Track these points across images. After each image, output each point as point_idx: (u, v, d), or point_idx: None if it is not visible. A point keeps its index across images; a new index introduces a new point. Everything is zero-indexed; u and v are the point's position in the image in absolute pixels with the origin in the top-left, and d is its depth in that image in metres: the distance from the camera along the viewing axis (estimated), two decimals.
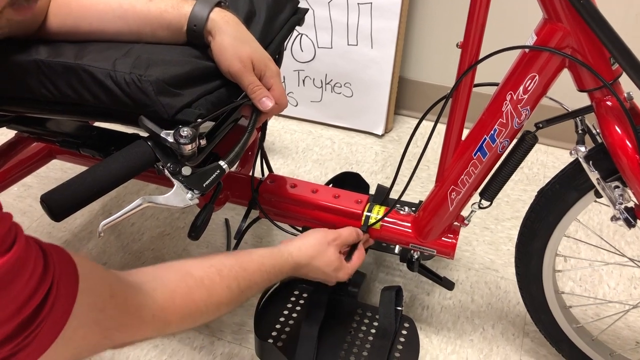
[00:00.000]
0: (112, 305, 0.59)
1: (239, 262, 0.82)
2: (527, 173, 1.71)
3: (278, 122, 1.93)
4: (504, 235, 1.49)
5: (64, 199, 0.70)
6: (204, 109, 0.77)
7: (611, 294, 1.33)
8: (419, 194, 1.61)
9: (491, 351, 1.20)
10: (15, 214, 1.52)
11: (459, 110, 0.92)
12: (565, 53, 0.79)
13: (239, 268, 0.81)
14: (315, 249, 0.96)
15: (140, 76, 0.74)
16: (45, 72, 0.78)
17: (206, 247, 1.45)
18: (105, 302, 0.58)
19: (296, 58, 1.84)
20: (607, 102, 0.81)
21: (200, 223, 0.90)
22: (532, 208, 0.98)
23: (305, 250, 0.95)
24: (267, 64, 0.81)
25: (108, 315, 0.59)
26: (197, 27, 0.78)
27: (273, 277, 0.88)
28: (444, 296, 1.32)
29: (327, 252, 0.97)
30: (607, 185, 0.85)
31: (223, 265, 0.79)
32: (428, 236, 1.05)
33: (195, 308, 0.72)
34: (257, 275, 0.84)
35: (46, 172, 1.67)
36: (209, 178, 0.80)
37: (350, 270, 1.02)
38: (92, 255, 1.42)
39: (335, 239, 0.99)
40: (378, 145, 1.84)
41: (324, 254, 0.96)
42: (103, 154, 1.01)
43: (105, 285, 0.60)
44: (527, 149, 0.91)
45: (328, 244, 0.98)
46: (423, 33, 1.79)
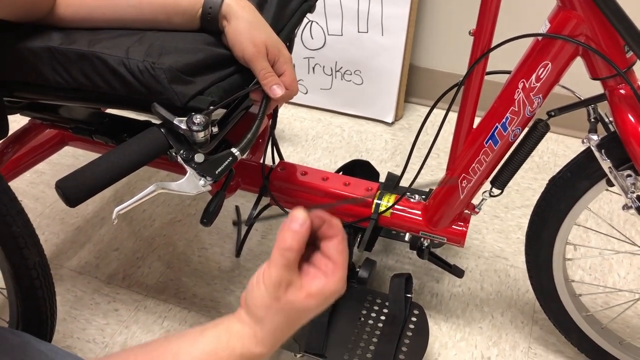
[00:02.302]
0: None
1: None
2: (538, 161, 1.71)
3: (288, 110, 1.93)
4: (513, 224, 1.49)
5: (79, 185, 0.71)
6: (217, 96, 0.78)
7: (621, 282, 1.33)
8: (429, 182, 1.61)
9: (500, 338, 1.21)
10: (28, 200, 1.54)
11: (471, 98, 0.92)
12: (578, 41, 0.78)
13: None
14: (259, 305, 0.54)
15: (153, 64, 0.74)
16: (58, 59, 0.78)
17: (217, 234, 1.46)
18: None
19: (306, 45, 1.84)
20: (621, 90, 0.80)
21: (213, 209, 0.90)
22: (543, 196, 0.98)
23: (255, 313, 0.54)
24: (281, 50, 0.81)
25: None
26: (212, 11, 0.78)
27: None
28: (454, 284, 1.33)
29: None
30: (619, 174, 0.84)
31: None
32: (438, 224, 1.05)
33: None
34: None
35: (58, 159, 1.68)
36: (221, 165, 0.80)
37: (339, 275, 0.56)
38: (104, 241, 1.44)
39: (274, 280, 0.54)
40: (388, 133, 1.84)
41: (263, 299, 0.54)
42: (115, 141, 1.02)
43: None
44: (539, 137, 0.91)
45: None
46: (434, 20, 1.78)
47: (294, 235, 0.53)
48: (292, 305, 0.53)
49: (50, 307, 0.99)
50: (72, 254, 1.41)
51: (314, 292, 0.54)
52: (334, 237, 0.55)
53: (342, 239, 0.56)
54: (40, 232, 1.20)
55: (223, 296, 1.30)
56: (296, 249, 0.53)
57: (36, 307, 0.97)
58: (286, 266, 0.53)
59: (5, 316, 1.05)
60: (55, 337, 1.11)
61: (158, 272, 1.36)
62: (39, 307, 0.97)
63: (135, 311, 1.27)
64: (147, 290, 1.32)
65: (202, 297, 1.29)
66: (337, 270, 0.54)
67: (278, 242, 0.53)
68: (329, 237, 0.55)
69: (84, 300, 1.30)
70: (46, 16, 0.80)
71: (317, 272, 0.55)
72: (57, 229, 1.48)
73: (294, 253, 0.53)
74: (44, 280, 0.95)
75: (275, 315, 0.54)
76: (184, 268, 1.37)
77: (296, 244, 0.53)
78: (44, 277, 0.95)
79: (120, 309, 1.28)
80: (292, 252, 0.53)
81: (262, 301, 0.53)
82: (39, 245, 0.93)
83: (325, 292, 0.54)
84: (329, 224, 0.55)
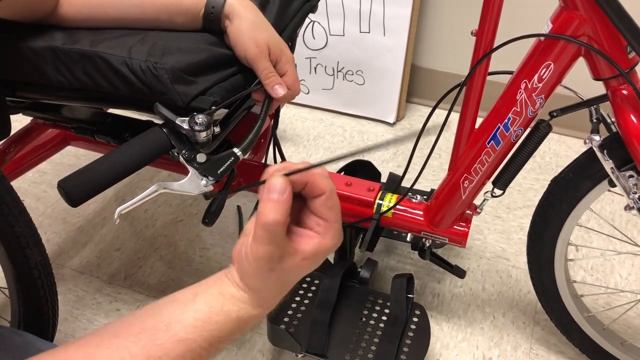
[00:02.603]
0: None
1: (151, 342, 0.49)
2: (540, 162, 1.70)
3: (289, 110, 1.94)
4: (515, 224, 1.49)
5: (81, 184, 0.71)
6: (219, 96, 0.78)
7: (623, 283, 1.33)
8: (430, 182, 1.61)
9: (501, 339, 1.21)
10: (30, 200, 1.53)
11: (473, 99, 0.92)
12: (581, 41, 0.78)
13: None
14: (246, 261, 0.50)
15: (155, 64, 0.74)
16: (61, 58, 0.79)
17: (218, 234, 1.46)
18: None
19: (308, 45, 1.84)
20: (623, 90, 0.80)
21: (215, 209, 0.90)
22: (545, 197, 0.98)
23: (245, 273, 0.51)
24: (283, 50, 0.81)
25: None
26: (214, 11, 0.78)
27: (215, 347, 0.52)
28: (455, 284, 1.32)
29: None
30: (621, 174, 0.84)
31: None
32: (440, 224, 1.05)
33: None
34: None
35: (60, 159, 1.68)
36: (223, 165, 0.80)
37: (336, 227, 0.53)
38: (106, 241, 1.44)
39: (263, 255, 0.50)
40: (390, 133, 1.84)
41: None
42: (118, 141, 1.02)
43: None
44: (541, 137, 0.91)
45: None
46: (436, 20, 1.78)
47: (276, 206, 0.47)
48: (289, 271, 0.50)
49: (52, 307, 0.99)
50: (74, 253, 1.41)
51: (309, 254, 0.50)
52: (321, 195, 0.50)
53: (330, 194, 0.50)
54: (42, 232, 1.20)
55: None
56: (281, 222, 0.47)
57: (38, 307, 0.97)
58: (274, 241, 0.48)
59: (7, 316, 1.05)
60: (56, 337, 1.11)
61: (160, 272, 1.36)
62: (40, 307, 0.97)
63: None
64: (149, 290, 1.32)
65: None
66: (330, 227, 0.50)
67: (259, 217, 0.48)
68: (315, 195, 0.51)
69: (85, 300, 1.30)
70: (49, 15, 0.80)
71: (309, 232, 0.51)
72: (59, 229, 1.48)
73: (280, 226, 0.47)
74: (45, 280, 0.95)
75: (272, 283, 0.51)
76: (186, 268, 1.37)
77: (280, 217, 0.47)
78: (46, 277, 0.95)
79: (122, 309, 1.28)
80: (277, 225, 0.47)
81: (256, 274, 0.50)
82: (41, 245, 0.93)
83: (321, 251, 0.51)
84: (312, 184, 0.50)
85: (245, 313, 0.51)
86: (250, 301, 0.51)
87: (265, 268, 0.49)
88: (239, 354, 1.18)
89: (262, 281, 0.51)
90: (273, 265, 0.49)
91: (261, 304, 0.52)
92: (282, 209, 0.47)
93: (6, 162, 1.18)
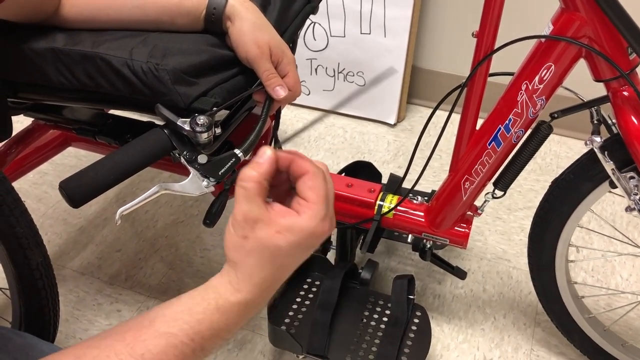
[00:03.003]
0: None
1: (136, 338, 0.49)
2: (540, 163, 1.70)
3: (290, 111, 1.94)
4: (516, 225, 1.48)
5: (82, 185, 0.71)
6: (220, 97, 0.78)
7: (624, 284, 1.33)
8: (431, 184, 1.61)
9: (502, 340, 1.21)
10: (32, 201, 1.53)
11: (474, 100, 0.92)
12: (582, 43, 0.78)
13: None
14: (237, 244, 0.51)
15: (157, 65, 0.74)
16: (62, 60, 0.79)
17: (219, 235, 1.46)
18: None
19: (309, 46, 1.84)
20: (624, 92, 0.80)
21: (216, 210, 0.90)
22: (546, 198, 0.98)
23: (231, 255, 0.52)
24: (284, 51, 0.81)
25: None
26: (216, 12, 0.78)
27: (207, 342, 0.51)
28: (456, 285, 1.32)
29: (256, 233, 0.50)
30: (622, 175, 0.84)
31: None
32: (441, 225, 1.05)
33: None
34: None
35: (61, 160, 1.69)
36: (224, 166, 0.80)
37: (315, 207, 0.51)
38: (106, 242, 1.44)
39: (238, 217, 0.51)
40: (390, 134, 1.84)
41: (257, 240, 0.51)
42: (119, 142, 1.02)
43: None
44: (542, 139, 0.91)
45: (246, 225, 0.51)
46: (437, 22, 1.78)
47: (254, 165, 0.51)
48: (262, 242, 0.50)
49: (53, 308, 0.99)
50: (75, 254, 1.41)
51: (283, 227, 0.50)
52: (303, 175, 0.52)
53: (312, 175, 0.51)
54: (43, 233, 1.20)
55: None
56: (255, 179, 0.50)
57: (39, 308, 0.97)
58: (247, 199, 0.49)
59: (8, 317, 1.05)
60: (57, 338, 1.11)
61: (160, 273, 1.37)
62: (41, 308, 0.97)
63: (137, 312, 1.28)
64: (150, 291, 1.32)
65: None
66: (309, 207, 0.50)
67: (238, 178, 0.50)
68: (299, 176, 0.52)
69: (86, 301, 1.30)
70: (51, 17, 0.80)
71: (288, 209, 0.51)
72: (60, 230, 1.48)
73: (253, 183, 0.50)
74: (46, 281, 0.95)
75: (247, 256, 0.50)
76: (187, 269, 1.37)
77: (255, 174, 0.50)
78: (47, 278, 0.95)
79: (123, 310, 1.28)
80: (250, 181, 0.50)
81: (232, 242, 0.51)
82: (42, 246, 0.93)
83: (295, 229, 0.50)
84: (296, 162, 0.52)
85: (225, 300, 0.50)
86: (230, 285, 0.51)
87: (240, 233, 0.50)
88: (240, 354, 1.18)
89: (237, 251, 0.51)
90: (247, 230, 0.50)
91: (240, 286, 0.51)
92: (259, 168, 0.50)
93: (7, 163, 1.18)
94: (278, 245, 0.50)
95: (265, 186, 0.51)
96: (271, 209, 0.51)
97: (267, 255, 0.50)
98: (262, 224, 0.50)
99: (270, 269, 0.51)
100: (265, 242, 0.50)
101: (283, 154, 0.52)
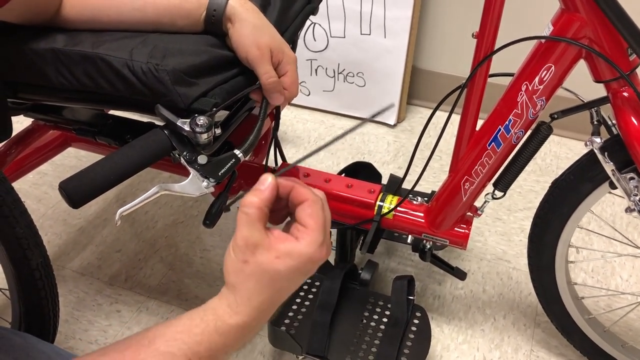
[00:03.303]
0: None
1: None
2: (540, 164, 1.70)
3: (290, 112, 1.94)
4: (516, 226, 1.48)
5: (82, 186, 0.71)
6: (220, 98, 0.78)
7: (623, 285, 1.33)
8: (431, 184, 1.61)
9: (502, 341, 1.21)
10: (31, 201, 1.54)
11: (474, 101, 0.92)
12: (582, 43, 0.78)
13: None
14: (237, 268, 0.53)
15: (157, 65, 0.74)
16: (62, 60, 0.79)
17: (219, 235, 1.46)
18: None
19: (309, 47, 1.84)
20: (624, 93, 0.80)
21: (215, 211, 0.90)
22: (546, 199, 0.98)
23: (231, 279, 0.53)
24: (285, 52, 0.81)
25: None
26: (216, 13, 0.78)
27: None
28: (456, 286, 1.32)
29: (256, 258, 0.52)
30: (622, 176, 0.84)
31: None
32: (441, 226, 1.05)
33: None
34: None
35: (61, 160, 1.69)
36: (224, 167, 0.80)
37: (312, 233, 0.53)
38: (106, 243, 1.44)
39: (239, 242, 0.52)
40: (390, 135, 1.84)
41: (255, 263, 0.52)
42: (119, 142, 1.02)
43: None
44: (542, 139, 0.91)
45: (246, 249, 0.52)
46: (437, 22, 1.78)
47: (256, 192, 0.52)
48: (262, 267, 0.51)
49: (53, 308, 0.99)
50: (75, 255, 1.41)
51: (282, 252, 0.51)
52: (303, 202, 0.54)
53: (311, 203, 0.53)
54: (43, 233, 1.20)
55: None
56: (257, 205, 0.52)
57: (39, 308, 0.97)
58: (248, 224, 0.51)
59: (8, 317, 1.05)
60: (57, 338, 1.12)
61: (160, 273, 1.37)
62: (41, 308, 0.97)
63: (137, 312, 1.28)
64: (150, 292, 1.32)
65: (204, 298, 1.28)
66: (307, 233, 0.52)
67: (241, 204, 0.52)
68: (298, 203, 0.54)
69: (86, 301, 1.30)
70: (51, 18, 0.80)
71: (287, 235, 0.53)
72: (60, 230, 1.48)
73: (254, 209, 0.51)
74: (46, 281, 0.95)
75: (247, 279, 0.52)
76: (186, 269, 1.37)
77: (257, 200, 0.52)
78: (47, 278, 0.95)
79: (123, 310, 1.28)
80: (252, 207, 0.52)
81: (232, 266, 0.52)
82: (42, 246, 0.93)
83: (294, 254, 0.51)
84: (296, 190, 0.54)
85: (223, 323, 0.52)
86: (229, 308, 0.52)
87: (240, 257, 0.51)
88: (240, 355, 1.18)
89: (236, 275, 0.52)
90: (247, 255, 0.51)
91: (238, 309, 0.52)
92: (261, 195, 0.52)
93: (7, 164, 1.18)
94: (277, 270, 0.51)
95: (266, 212, 0.53)
96: (271, 234, 0.53)
97: (266, 279, 0.52)
98: (262, 249, 0.51)
99: (268, 292, 0.52)
100: (265, 267, 0.51)
101: (283, 182, 0.54)
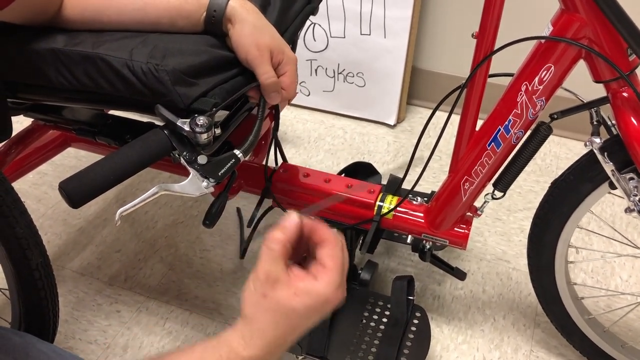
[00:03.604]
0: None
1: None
2: (540, 164, 1.70)
3: (290, 112, 1.94)
4: (516, 226, 1.48)
5: (82, 186, 0.71)
6: (220, 98, 0.78)
7: (623, 285, 1.33)
8: (431, 184, 1.61)
9: (502, 341, 1.21)
10: (31, 201, 1.54)
11: (474, 101, 0.92)
12: (581, 44, 0.78)
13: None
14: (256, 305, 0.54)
15: (157, 66, 0.74)
16: (62, 60, 0.79)
17: (219, 235, 1.46)
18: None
19: (309, 47, 1.84)
20: (624, 93, 0.80)
21: (215, 211, 0.90)
22: (546, 199, 0.98)
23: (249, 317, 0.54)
24: (285, 52, 0.82)
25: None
26: (216, 14, 0.78)
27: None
28: (456, 286, 1.32)
29: (275, 295, 0.53)
30: (621, 176, 0.84)
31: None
32: (440, 226, 1.05)
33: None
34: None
35: (61, 160, 1.69)
36: (224, 167, 0.80)
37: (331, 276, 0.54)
38: (106, 243, 1.44)
39: (260, 275, 0.54)
40: (390, 135, 1.84)
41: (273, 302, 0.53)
42: (119, 142, 1.02)
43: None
44: (542, 140, 0.91)
45: (265, 285, 0.53)
46: (437, 23, 1.78)
47: (280, 229, 0.54)
48: (279, 303, 0.52)
49: (53, 308, 1.00)
50: (75, 255, 1.41)
51: (301, 290, 0.52)
52: (324, 242, 0.55)
53: (332, 244, 0.55)
54: (42, 233, 1.20)
55: (225, 298, 1.30)
56: (281, 241, 0.53)
57: (38, 308, 0.97)
58: (272, 259, 0.53)
59: (8, 317, 1.05)
60: (57, 338, 1.12)
61: (160, 273, 1.37)
62: (41, 308, 0.97)
63: (137, 312, 1.28)
64: (149, 292, 1.32)
65: (204, 298, 1.29)
66: (326, 273, 0.53)
67: (266, 239, 0.54)
68: (319, 243, 0.55)
69: (85, 301, 1.30)
70: (52, 18, 0.80)
71: (307, 274, 0.54)
72: (60, 230, 1.48)
73: (279, 245, 0.53)
74: (46, 281, 0.95)
75: (264, 313, 0.52)
76: (186, 270, 1.37)
77: (281, 236, 0.53)
78: (47, 278, 0.95)
79: (122, 310, 1.28)
80: (276, 243, 0.53)
81: (250, 299, 0.53)
82: (42, 246, 0.93)
83: (312, 293, 0.52)
84: (318, 230, 0.55)
85: (236, 355, 0.52)
86: (243, 340, 0.52)
87: (260, 290, 0.52)
88: None
89: (254, 307, 0.53)
90: (266, 289, 0.52)
91: (252, 342, 0.52)
92: (284, 231, 0.54)
93: (7, 164, 1.18)
94: (294, 307, 0.52)
95: (288, 249, 0.54)
96: (291, 271, 0.54)
97: (282, 315, 0.53)
98: (282, 285, 0.52)
99: (283, 328, 0.53)
100: (283, 303, 0.52)
101: (307, 221, 0.56)
